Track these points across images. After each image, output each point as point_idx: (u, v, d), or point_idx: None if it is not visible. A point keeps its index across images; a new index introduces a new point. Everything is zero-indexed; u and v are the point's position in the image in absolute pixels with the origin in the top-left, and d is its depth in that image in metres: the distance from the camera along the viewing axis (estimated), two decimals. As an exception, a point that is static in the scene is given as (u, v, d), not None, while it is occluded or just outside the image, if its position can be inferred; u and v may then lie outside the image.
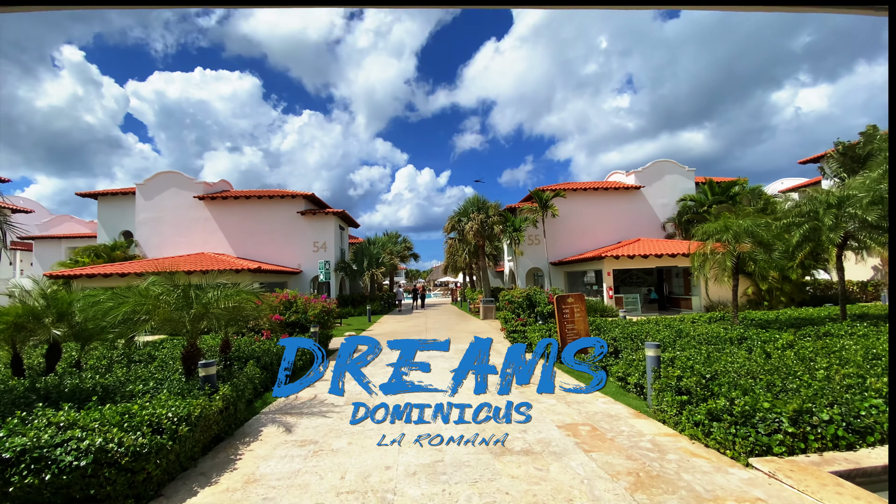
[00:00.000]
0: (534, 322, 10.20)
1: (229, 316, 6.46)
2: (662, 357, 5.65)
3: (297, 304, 10.37)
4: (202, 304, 5.80)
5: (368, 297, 25.46)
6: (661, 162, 26.85)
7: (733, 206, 21.86)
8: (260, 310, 7.02)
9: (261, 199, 25.23)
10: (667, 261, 19.74)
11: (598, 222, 25.89)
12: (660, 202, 26.51)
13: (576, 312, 9.01)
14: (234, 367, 7.30)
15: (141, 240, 25.13)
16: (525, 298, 10.54)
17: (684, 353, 5.92)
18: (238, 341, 8.76)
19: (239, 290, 6.58)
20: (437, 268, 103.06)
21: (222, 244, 25.04)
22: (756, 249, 8.50)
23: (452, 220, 25.99)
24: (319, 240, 25.32)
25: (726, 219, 9.79)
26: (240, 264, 19.11)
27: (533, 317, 10.38)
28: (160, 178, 25.43)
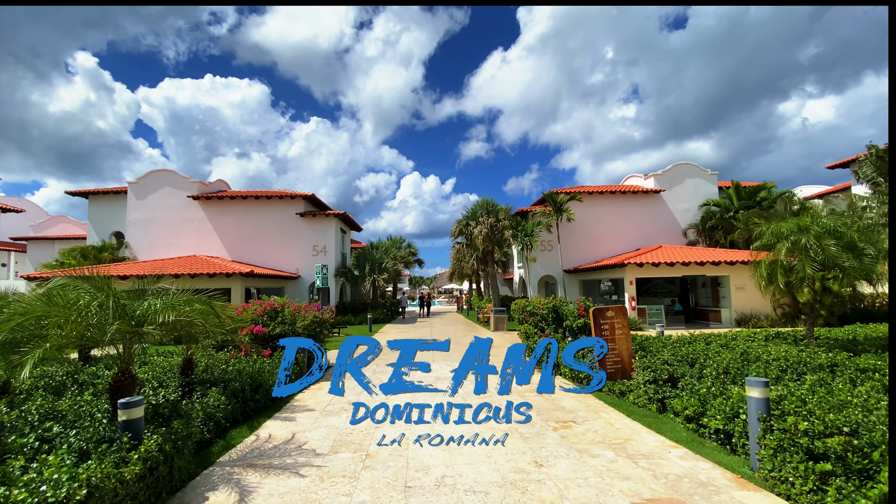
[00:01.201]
0: (561, 339, 8.64)
1: (177, 332, 4.95)
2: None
3: (283, 313, 8.87)
4: (129, 320, 4.27)
5: (370, 305, 23.94)
6: (682, 165, 25.30)
7: (765, 212, 20.27)
8: (220, 324, 5.50)
9: (258, 199, 23.87)
10: (695, 269, 18.12)
11: (614, 228, 24.32)
12: (680, 207, 24.91)
13: (617, 329, 7.45)
14: (195, 395, 5.79)
15: (132, 241, 23.80)
16: (551, 310, 8.99)
17: (793, 390, 4.33)
18: (209, 360, 7.26)
19: (191, 298, 5.07)
20: (441, 275, 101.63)
21: (217, 247, 23.66)
22: (843, 254, 6.97)
23: (460, 223, 24.49)
24: (319, 243, 23.89)
25: (799, 219, 8.20)
26: (232, 268, 17.68)
27: (560, 332, 8.83)
28: (153, 176, 24.16)
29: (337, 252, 24.47)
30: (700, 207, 24.57)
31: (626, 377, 7.32)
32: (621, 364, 7.40)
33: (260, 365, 7.41)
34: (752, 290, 18.41)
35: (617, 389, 7.06)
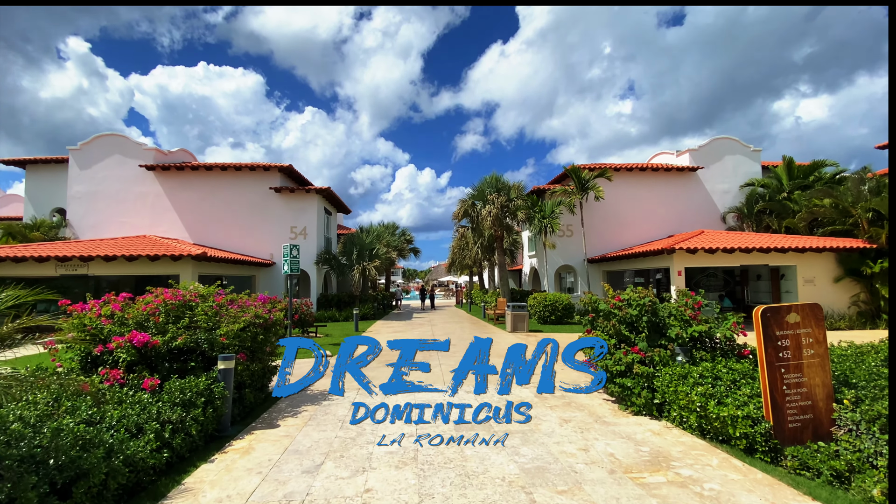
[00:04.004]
0: (669, 360, 5.13)
1: None
2: None
3: (197, 310, 5.29)
4: None
5: (359, 298, 20.35)
6: (721, 139, 21.88)
7: (833, 190, 16.94)
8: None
9: (225, 170, 20.06)
10: (756, 258, 14.77)
11: (643, 211, 20.90)
12: (718, 188, 21.53)
13: (806, 347, 3.97)
14: None
15: (73, 219, 19.93)
16: (644, 309, 5.46)
17: None
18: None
19: None
20: (436, 267, 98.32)
21: (176, 227, 19.89)
22: None
23: (465, 203, 20.94)
24: (298, 224, 20.19)
25: None
26: (179, 249, 13.99)
27: (658, 345, 5.33)
28: (100, 141, 20.24)
29: (320, 235, 20.80)
30: (742, 188, 21.22)
31: (823, 436, 3.84)
32: (813, 410, 3.92)
33: (118, 417, 3.82)
34: (823, 284, 15.12)
35: (796, 461, 3.61)
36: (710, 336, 5.42)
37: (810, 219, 17.31)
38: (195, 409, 4.33)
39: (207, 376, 4.79)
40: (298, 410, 5.65)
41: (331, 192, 20.78)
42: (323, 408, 5.76)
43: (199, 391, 4.53)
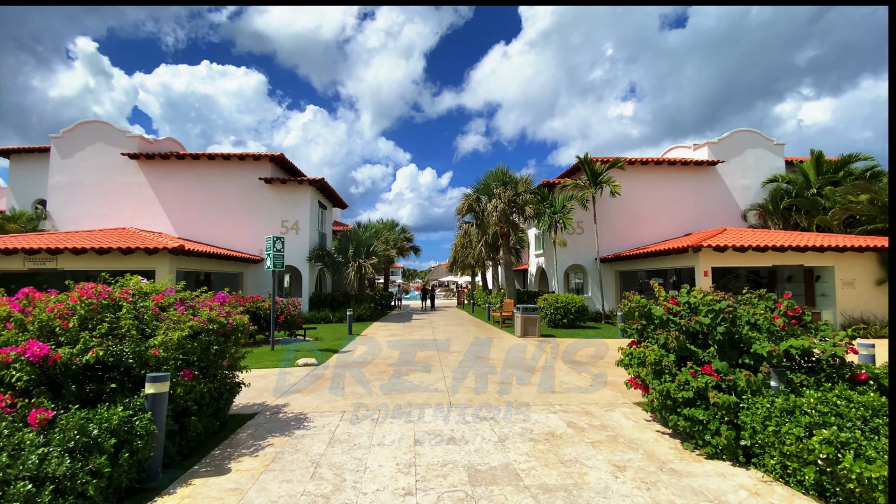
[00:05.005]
0: (759, 385, 3.76)
1: None
2: None
3: (122, 312, 3.96)
4: None
5: (354, 298, 19.04)
6: (742, 132, 20.55)
7: (872, 185, 15.61)
8: None
9: (213, 159, 18.76)
10: (791, 257, 13.46)
11: (659, 208, 19.58)
12: (739, 184, 20.19)
13: None
14: None
15: (54, 210, 18.66)
16: (721, 317, 4.00)
17: None
18: None
19: None
20: (436, 267, 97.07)
21: (160, 220, 18.60)
22: None
23: (469, 198, 19.61)
24: (290, 218, 18.88)
25: None
26: (154, 241, 12.69)
27: (743, 368, 3.95)
28: (83, 128, 18.96)
29: (313, 230, 19.49)
30: (764, 185, 19.88)
31: None
32: None
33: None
34: (863, 287, 13.77)
35: None
36: (807, 353, 4.09)
37: (845, 216, 15.98)
38: (98, 456, 3.02)
39: (127, 405, 3.48)
40: (261, 445, 4.34)
41: (325, 183, 19.46)
42: (294, 440, 4.45)
43: (111, 427, 3.22)
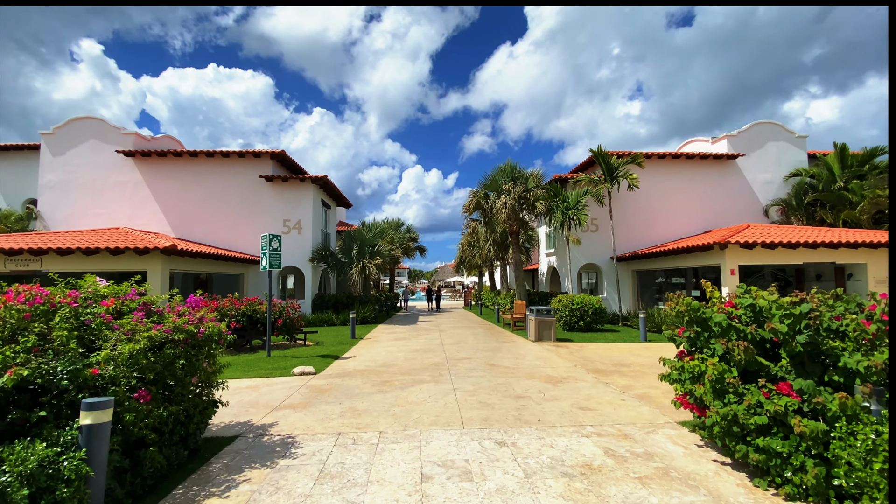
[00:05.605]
0: (858, 410, 3.03)
1: None
2: None
3: (54, 321, 3.21)
4: None
5: (358, 300, 18.28)
6: (763, 124, 19.57)
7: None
8: None
9: (211, 157, 18.10)
10: (823, 254, 12.53)
11: (675, 205, 18.66)
12: (760, 178, 19.22)
13: None
14: None
15: (45, 210, 18.08)
16: (804, 324, 3.27)
17: None
18: None
19: None
20: (442, 268, 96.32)
21: (157, 219, 17.97)
22: None
23: (477, 195, 18.82)
24: (292, 217, 18.18)
25: None
26: (146, 241, 12.00)
27: (835, 388, 3.20)
28: (75, 125, 18.38)
29: (316, 230, 18.78)
30: (787, 179, 18.90)
31: None
32: None
33: None
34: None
35: None
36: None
37: (874, 210, 15.01)
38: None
39: (55, 440, 2.72)
40: (236, 480, 3.56)
41: (328, 181, 18.74)
42: (276, 474, 3.67)
43: (27, 472, 2.46)
